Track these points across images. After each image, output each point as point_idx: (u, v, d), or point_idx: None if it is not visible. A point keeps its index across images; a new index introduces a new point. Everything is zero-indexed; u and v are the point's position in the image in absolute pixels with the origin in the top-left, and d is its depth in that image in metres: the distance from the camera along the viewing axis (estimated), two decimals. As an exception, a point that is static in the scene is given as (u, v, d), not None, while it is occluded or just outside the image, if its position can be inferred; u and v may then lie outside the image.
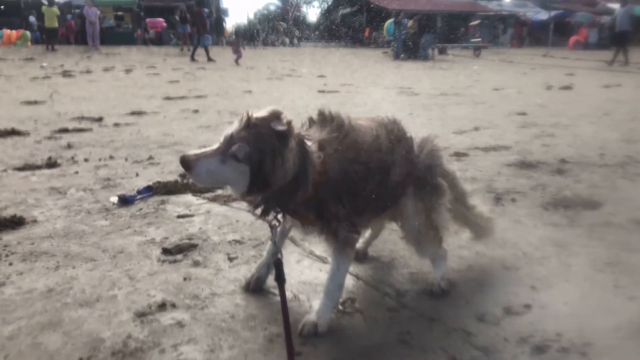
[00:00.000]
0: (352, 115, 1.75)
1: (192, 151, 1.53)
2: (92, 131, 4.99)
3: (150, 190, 3.04)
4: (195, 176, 1.54)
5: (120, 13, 33.92)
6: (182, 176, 3.40)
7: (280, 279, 1.61)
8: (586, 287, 1.95)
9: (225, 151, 1.50)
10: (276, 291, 1.91)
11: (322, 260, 2.16)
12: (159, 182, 3.19)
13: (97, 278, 1.98)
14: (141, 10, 33.49)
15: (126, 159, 3.88)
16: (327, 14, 46.12)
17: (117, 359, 1.49)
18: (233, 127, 1.53)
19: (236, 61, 16.45)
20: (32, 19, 27.49)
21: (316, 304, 1.74)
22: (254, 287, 1.92)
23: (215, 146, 1.53)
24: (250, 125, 1.51)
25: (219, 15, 34.37)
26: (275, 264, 1.63)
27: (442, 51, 23.77)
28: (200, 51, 17.77)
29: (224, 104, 7.12)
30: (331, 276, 1.71)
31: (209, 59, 17.21)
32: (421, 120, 5.75)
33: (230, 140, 1.50)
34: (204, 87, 9.37)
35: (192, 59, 17.15)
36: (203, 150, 1.53)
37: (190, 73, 12.53)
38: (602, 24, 31.34)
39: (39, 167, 3.59)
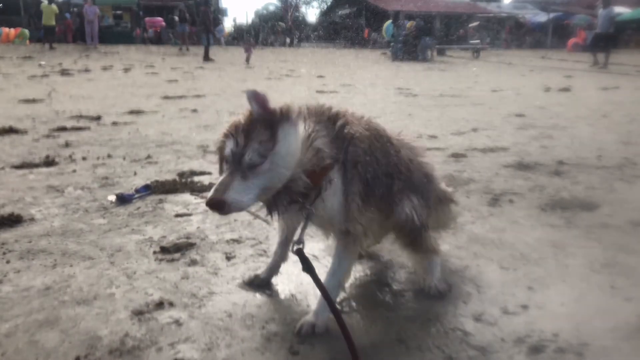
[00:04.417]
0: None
1: (210, 193, 1.37)
2: (90, 130, 4.98)
3: (148, 189, 3.04)
4: (234, 209, 1.40)
5: (119, 12, 33.97)
6: (180, 175, 3.40)
7: (309, 268, 1.53)
8: (583, 288, 1.95)
9: (240, 167, 1.39)
10: (275, 289, 1.92)
11: (320, 260, 2.16)
12: (157, 181, 3.19)
13: (95, 276, 1.98)
14: (140, 9, 33.50)
15: (124, 158, 3.88)
16: (326, 14, 46.18)
17: (114, 357, 1.49)
18: (229, 145, 1.42)
19: (247, 60, 16.39)
20: None
21: (314, 303, 1.74)
22: (258, 283, 1.92)
23: (223, 172, 1.42)
24: (246, 128, 1.41)
25: (216, 15, 34.38)
26: (297, 253, 1.55)
27: (441, 52, 23.82)
28: (198, 50, 17.75)
29: (223, 103, 7.12)
30: (331, 272, 1.68)
31: (208, 59, 17.21)
32: (420, 121, 5.76)
33: (237, 155, 1.39)
34: (202, 86, 9.37)
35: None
36: (218, 184, 1.39)
37: (189, 72, 12.53)
38: (599, 26, 31.44)
39: (36, 166, 3.59)
